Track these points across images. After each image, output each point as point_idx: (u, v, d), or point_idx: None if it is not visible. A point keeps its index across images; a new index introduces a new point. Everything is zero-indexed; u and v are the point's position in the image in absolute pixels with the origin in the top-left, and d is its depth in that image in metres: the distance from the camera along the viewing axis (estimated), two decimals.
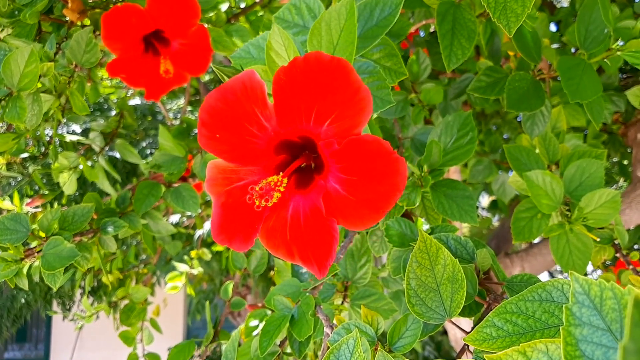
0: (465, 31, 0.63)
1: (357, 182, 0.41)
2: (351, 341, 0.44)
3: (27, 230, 0.83)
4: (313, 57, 0.38)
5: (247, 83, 0.41)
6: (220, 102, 0.42)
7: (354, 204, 0.41)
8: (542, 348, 0.34)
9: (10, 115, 0.74)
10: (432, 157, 0.61)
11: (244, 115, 0.42)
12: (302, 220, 0.46)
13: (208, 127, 0.43)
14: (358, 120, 0.40)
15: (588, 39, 0.70)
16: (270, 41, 0.45)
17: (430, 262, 0.49)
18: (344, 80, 0.38)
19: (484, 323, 0.42)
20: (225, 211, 0.48)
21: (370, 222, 0.41)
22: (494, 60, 0.83)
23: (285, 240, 0.46)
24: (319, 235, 0.44)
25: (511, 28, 0.52)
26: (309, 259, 0.44)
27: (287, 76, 0.39)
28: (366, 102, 0.39)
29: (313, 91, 0.39)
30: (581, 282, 0.31)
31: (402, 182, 0.39)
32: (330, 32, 0.46)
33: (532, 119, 0.81)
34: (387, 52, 0.59)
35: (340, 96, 0.39)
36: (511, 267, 1.42)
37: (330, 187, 0.43)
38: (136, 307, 1.41)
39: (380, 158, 0.39)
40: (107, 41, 0.85)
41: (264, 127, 0.43)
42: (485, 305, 0.51)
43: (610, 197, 0.68)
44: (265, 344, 0.61)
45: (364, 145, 0.40)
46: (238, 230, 0.47)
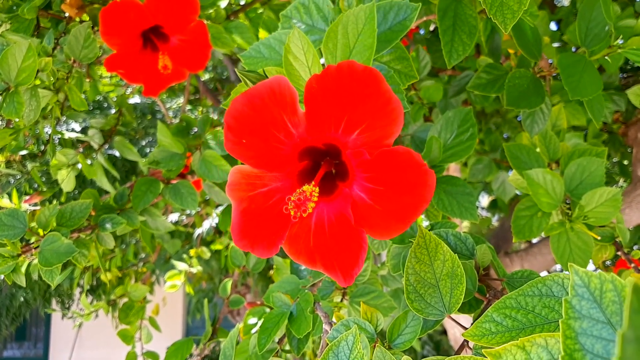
0: (466, 27, 0.62)
1: (384, 192, 0.41)
2: (350, 338, 0.43)
3: (24, 226, 0.82)
4: (346, 66, 0.38)
5: (276, 89, 0.41)
6: (247, 107, 0.42)
7: (380, 213, 0.42)
8: (541, 342, 0.34)
9: (7, 110, 0.74)
10: (432, 152, 0.61)
11: (271, 121, 0.42)
12: (327, 228, 0.46)
13: (234, 132, 0.43)
14: (389, 131, 0.40)
15: (589, 36, 0.70)
16: (289, 44, 0.45)
17: (429, 258, 0.48)
18: (375, 91, 0.38)
19: (483, 318, 0.41)
20: (248, 217, 0.47)
21: (396, 232, 0.42)
22: (494, 58, 0.83)
23: (308, 246, 0.46)
24: (346, 243, 0.44)
25: (507, 25, 0.51)
26: (333, 267, 0.44)
27: (319, 84, 0.39)
28: (397, 113, 0.39)
29: (344, 100, 0.39)
30: (581, 275, 0.31)
31: (430, 193, 0.39)
32: (347, 36, 0.46)
33: (531, 116, 0.81)
34: (397, 55, 0.59)
35: (371, 106, 0.39)
36: (511, 266, 1.41)
37: (356, 196, 0.44)
38: (135, 306, 1.41)
39: (411, 170, 0.39)
40: (105, 36, 0.84)
41: (290, 134, 0.43)
42: (485, 302, 0.51)
43: (611, 195, 0.67)
44: (264, 341, 0.61)
45: (395, 157, 0.40)
46: (262, 236, 0.47)
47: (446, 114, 0.66)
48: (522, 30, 0.71)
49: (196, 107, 2.80)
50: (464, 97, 1.10)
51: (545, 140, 0.82)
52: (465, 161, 1.47)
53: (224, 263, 1.82)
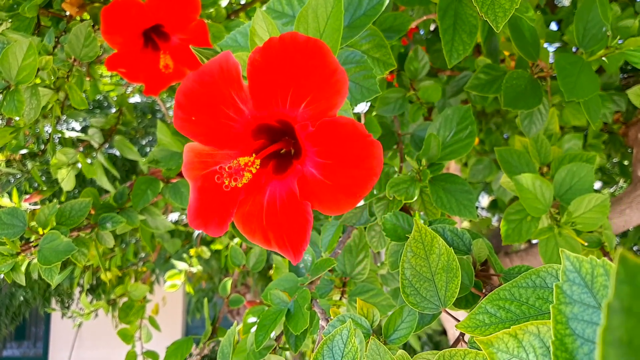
0: (466, 27, 0.62)
1: (332, 165, 0.40)
2: (345, 332, 0.43)
3: (23, 224, 0.83)
4: (289, 37, 0.38)
5: (224, 64, 0.40)
6: (197, 83, 0.42)
7: (330, 188, 0.41)
8: (533, 330, 0.34)
9: (8, 108, 0.74)
10: (430, 150, 0.61)
11: (220, 98, 0.42)
12: (279, 205, 0.45)
13: (184, 109, 0.43)
14: (334, 102, 0.39)
15: (586, 37, 0.70)
16: (254, 26, 0.45)
17: (424, 252, 0.49)
18: (320, 61, 0.38)
19: (477, 310, 0.41)
20: (201, 195, 0.47)
21: (347, 207, 0.41)
22: (492, 58, 0.83)
23: (261, 225, 0.46)
24: (294, 219, 0.43)
25: (498, 23, 0.51)
26: (285, 245, 0.44)
27: (262, 56, 0.39)
28: (342, 83, 0.38)
29: (289, 72, 0.38)
30: (572, 260, 0.31)
31: (378, 165, 0.39)
32: (317, 20, 0.46)
33: (529, 117, 0.81)
34: (376, 43, 0.59)
35: (316, 77, 0.38)
36: (511, 266, 1.41)
37: (307, 172, 0.43)
38: (135, 305, 1.41)
39: (355, 141, 0.39)
40: (106, 35, 0.85)
41: (240, 110, 0.43)
42: (482, 297, 0.51)
43: (599, 201, 0.68)
44: (261, 338, 0.61)
45: (337, 128, 0.39)
46: (213, 215, 0.47)
47: (445, 112, 0.66)
48: (520, 31, 0.71)
49: None
50: (463, 98, 1.10)
51: (537, 144, 0.82)
52: (465, 161, 1.47)
53: (223, 263, 1.82)
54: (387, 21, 0.83)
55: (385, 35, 0.82)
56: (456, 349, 0.40)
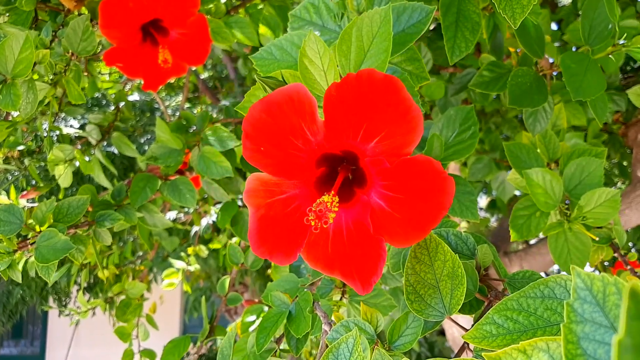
0: (469, 23, 0.62)
1: (403, 200, 0.41)
2: (350, 340, 0.43)
3: (20, 221, 0.81)
4: (366, 74, 0.38)
5: (295, 97, 0.41)
6: (266, 114, 0.41)
7: (399, 221, 0.42)
8: (542, 346, 0.33)
9: (4, 102, 0.73)
10: (433, 150, 0.60)
11: (290, 129, 0.42)
12: (346, 236, 0.46)
13: (252, 140, 0.43)
14: (409, 139, 0.40)
15: (592, 35, 0.69)
16: (305, 48, 0.44)
17: (429, 258, 0.48)
18: (395, 99, 0.38)
19: (484, 320, 0.41)
20: (265, 224, 0.47)
21: (414, 240, 0.42)
22: (497, 56, 0.82)
23: (326, 254, 0.46)
24: (365, 251, 0.44)
25: (516, 20, 0.50)
26: (352, 275, 0.44)
27: (339, 92, 0.39)
28: (417, 121, 0.39)
29: (364, 108, 0.39)
30: (583, 277, 0.30)
31: (449, 201, 0.39)
32: (362, 39, 0.45)
33: (534, 115, 0.80)
34: (409, 56, 0.58)
35: (390, 114, 0.39)
36: (510, 266, 1.41)
37: (374, 203, 0.43)
38: (132, 303, 1.40)
39: (431, 178, 0.39)
40: (104, 29, 0.83)
41: (309, 142, 0.43)
42: (486, 303, 0.50)
43: (610, 196, 0.67)
44: (262, 341, 0.60)
45: (415, 166, 0.40)
46: (280, 244, 0.47)
47: (448, 112, 0.65)
48: (525, 27, 0.70)
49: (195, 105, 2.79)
50: (464, 96, 1.10)
51: (545, 139, 0.82)
52: (465, 161, 1.46)
53: (222, 261, 1.81)
54: None
55: None
56: (462, 359, 0.39)
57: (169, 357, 0.97)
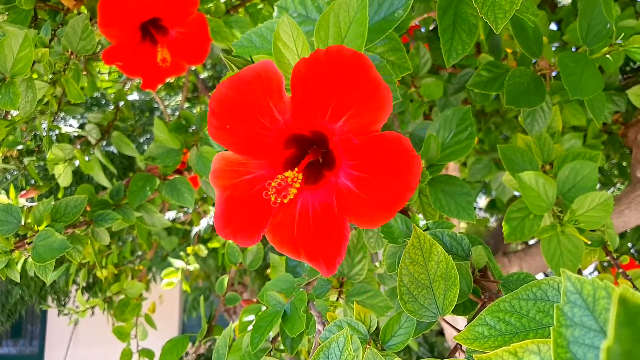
0: (466, 26, 0.61)
1: (370, 179, 0.40)
2: (341, 339, 0.43)
3: (18, 221, 0.82)
4: (335, 51, 0.38)
5: (263, 74, 0.40)
6: (233, 91, 0.41)
7: (366, 202, 0.41)
8: (533, 349, 0.33)
9: (3, 101, 0.73)
10: (430, 151, 0.60)
11: (256, 107, 0.41)
12: (312, 217, 0.45)
13: (218, 117, 0.42)
14: (377, 117, 0.39)
15: (590, 34, 0.69)
16: (279, 31, 0.44)
17: (423, 259, 0.48)
18: (364, 76, 0.38)
19: (476, 321, 0.41)
20: (231, 205, 0.46)
21: (381, 221, 0.41)
22: (495, 56, 0.82)
23: (292, 236, 0.45)
24: (329, 232, 0.43)
25: (498, 24, 0.51)
26: (317, 257, 0.44)
27: (307, 68, 0.39)
28: (385, 99, 0.38)
29: (332, 85, 0.38)
30: (573, 281, 0.30)
31: (416, 180, 0.39)
32: (339, 24, 0.45)
33: (532, 115, 0.80)
34: (391, 46, 0.58)
35: (359, 92, 0.38)
36: (509, 266, 1.41)
37: (342, 184, 0.43)
38: (131, 303, 1.40)
39: (399, 156, 0.39)
40: (103, 28, 0.83)
41: (276, 120, 0.42)
42: (480, 304, 0.50)
43: (602, 199, 0.67)
44: (257, 340, 0.60)
45: (384, 143, 0.39)
46: (244, 225, 0.46)
47: (444, 113, 0.65)
48: (523, 28, 0.70)
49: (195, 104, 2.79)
50: (464, 96, 1.10)
51: (540, 142, 0.82)
52: (464, 161, 1.46)
53: (221, 261, 1.81)
54: None
55: None
56: (454, 359, 0.39)
57: (168, 357, 0.97)
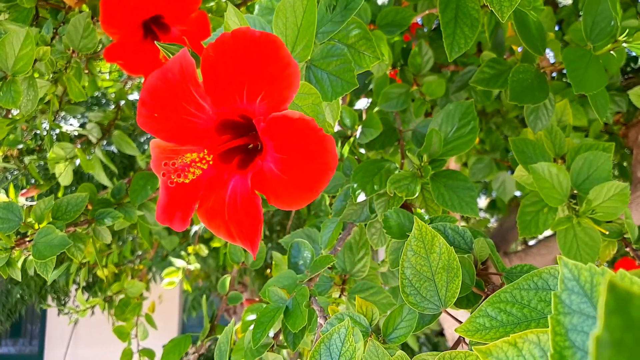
0: (468, 20, 0.61)
1: (288, 160, 0.41)
2: (342, 330, 0.42)
3: (19, 219, 0.81)
4: (241, 33, 0.38)
5: (183, 61, 0.41)
6: (160, 80, 0.42)
7: (287, 183, 0.41)
8: (533, 339, 0.32)
9: (4, 99, 0.73)
10: (432, 146, 0.60)
11: (181, 94, 0.42)
12: (239, 200, 0.45)
13: (147, 106, 0.43)
14: (285, 95, 0.39)
15: (594, 31, 0.69)
16: (227, 22, 0.45)
17: (425, 251, 0.47)
18: (273, 55, 0.38)
19: (477, 313, 0.40)
20: (166, 191, 0.48)
21: (304, 202, 0.41)
22: (498, 53, 0.82)
23: (224, 219, 0.46)
24: (249, 213, 0.44)
25: (504, 14, 0.51)
26: (245, 238, 0.44)
27: (216, 52, 0.39)
28: (294, 77, 0.38)
29: (243, 67, 0.39)
30: (570, 268, 0.29)
31: (333, 160, 0.39)
32: (295, 13, 0.46)
33: (535, 112, 0.80)
34: (361, 36, 0.59)
35: (269, 71, 0.38)
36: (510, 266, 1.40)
37: (266, 167, 0.43)
38: (131, 302, 1.40)
39: (307, 135, 0.39)
40: (105, 26, 0.83)
41: (201, 107, 0.43)
42: (483, 297, 0.50)
43: (619, 189, 0.66)
44: (259, 336, 0.60)
45: (288, 122, 0.39)
46: (176, 210, 0.47)
47: (447, 107, 0.65)
48: (526, 24, 0.70)
49: None
50: (465, 96, 1.10)
51: (551, 135, 0.80)
52: (465, 161, 1.46)
53: (222, 260, 1.81)
54: (389, 16, 0.82)
55: (387, 30, 0.81)
56: (457, 351, 0.39)
57: (170, 356, 0.97)
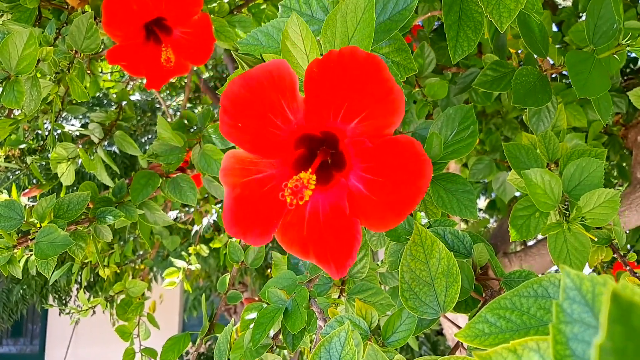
0: (471, 23, 0.62)
1: (381, 182, 0.41)
2: (342, 334, 0.43)
3: (20, 217, 0.82)
4: (348, 52, 0.38)
5: (275, 72, 0.40)
6: (245, 89, 0.41)
7: (376, 205, 0.41)
8: (533, 346, 0.33)
9: (7, 99, 0.74)
10: (432, 149, 0.60)
11: (269, 106, 0.41)
12: (322, 218, 0.45)
13: (230, 115, 0.42)
14: (390, 121, 0.39)
15: (597, 34, 0.69)
16: (287, 30, 0.44)
17: (424, 256, 0.48)
18: (377, 78, 0.38)
19: (477, 319, 0.41)
20: (240, 203, 0.46)
21: (392, 224, 0.41)
22: (500, 55, 0.82)
23: (301, 236, 0.45)
24: (340, 235, 0.43)
25: (503, 23, 0.51)
26: (327, 258, 0.44)
27: (320, 69, 0.39)
28: (399, 102, 0.38)
29: (345, 87, 0.38)
30: (572, 277, 0.29)
31: (427, 185, 0.39)
32: (346, 25, 0.45)
33: (538, 114, 0.80)
34: (396, 47, 0.58)
35: (372, 94, 0.38)
36: (510, 267, 1.41)
37: (352, 186, 0.43)
38: (133, 302, 1.40)
39: (410, 160, 0.39)
40: (108, 28, 0.84)
41: (288, 120, 0.42)
42: (482, 301, 0.50)
43: (609, 196, 0.67)
44: (258, 336, 0.61)
45: (398, 147, 0.39)
46: (254, 224, 0.46)
47: (447, 111, 0.65)
48: (530, 27, 0.71)
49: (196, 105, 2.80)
50: (465, 97, 1.10)
51: (545, 140, 0.81)
52: (465, 161, 1.47)
53: (222, 260, 1.82)
54: None
55: None
56: (455, 356, 0.39)
57: (169, 354, 0.97)
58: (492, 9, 0.50)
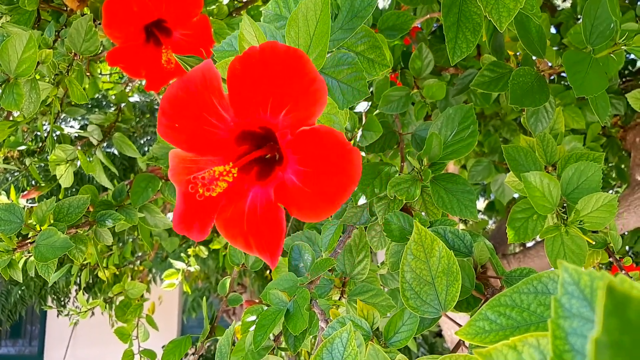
0: (470, 24, 0.62)
1: (312, 173, 0.41)
2: (345, 335, 0.43)
3: (20, 221, 0.82)
4: (269, 47, 0.39)
5: (206, 73, 0.42)
6: (181, 91, 0.43)
7: (309, 195, 0.41)
8: (532, 342, 0.33)
9: (7, 101, 0.74)
10: (432, 149, 0.61)
11: (203, 105, 0.43)
12: (259, 211, 0.46)
13: (167, 116, 0.44)
14: (312, 110, 0.40)
15: (594, 34, 0.70)
16: (242, 32, 0.45)
17: (425, 255, 0.48)
18: (299, 71, 0.38)
19: (477, 316, 0.41)
20: (184, 201, 0.48)
21: (325, 214, 0.41)
22: (498, 56, 0.83)
23: (242, 230, 0.46)
24: (271, 225, 0.44)
25: (502, 23, 0.51)
26: (264, 250, 0.45)
27: (242, 65, 0.40)
28: (321, 93, 0.39)
29: (268, 81, 0.39)
30: (571, 272, 0.30)
31: (357, 173, 0.39)
32: (307, 23, 0.46)
33: (535, 114, 0.80)
34: (371, 44, 0.59)
35: (295, 86, 0.39)
36: (509, 268, 1.41)
37: (287, 178, 0.43)
38: (132, 303, 1.40)
39: (335, 149, 0.39)
40: (107, 30, 0.84)
41: (223, 118, 0.44)
42: (483, 300, 0.51)
43: (607, 200, 0.67)
44: (260, 338, 0.60)
45: (317, 136, 0.40)
46: (195, 220, 0.47)
47: (447, 111, 0.66)
48: (527, 28, 0.71)
49: None
50: (464, 99, 1.10)
51: (543, 143, 0.82)
52: (464, 163, 1.47)
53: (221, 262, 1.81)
54: (389, 20, 0.83)
55: (387, 34, 0.82)
56: (457, 355, 0.40)
57: (170, 357, 0.97)
58: (491, 9, 0.51)
